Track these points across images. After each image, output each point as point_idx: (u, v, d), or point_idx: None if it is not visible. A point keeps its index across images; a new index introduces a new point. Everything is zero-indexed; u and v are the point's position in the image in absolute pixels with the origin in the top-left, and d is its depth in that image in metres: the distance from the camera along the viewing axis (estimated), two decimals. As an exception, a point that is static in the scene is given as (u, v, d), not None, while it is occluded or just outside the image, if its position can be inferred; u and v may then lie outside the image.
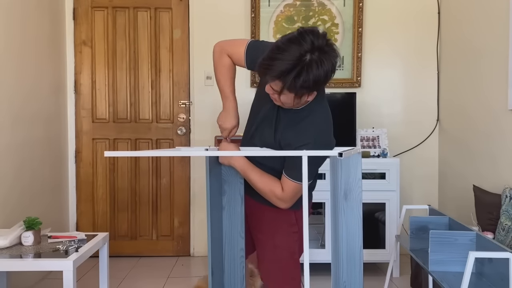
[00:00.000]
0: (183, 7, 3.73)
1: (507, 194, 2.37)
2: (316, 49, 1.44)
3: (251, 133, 1.81)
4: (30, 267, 2.13)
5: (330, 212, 2.68)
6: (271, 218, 1.80)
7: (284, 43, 1.46)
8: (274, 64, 1.45)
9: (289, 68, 1.43)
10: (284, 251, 1.79)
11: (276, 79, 1.47)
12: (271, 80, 1.50)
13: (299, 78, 1.44)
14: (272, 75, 1.46)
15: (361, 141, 3.45)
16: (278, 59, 1.44)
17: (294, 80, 1.44)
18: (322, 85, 1.54)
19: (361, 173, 1.52)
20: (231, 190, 1.76)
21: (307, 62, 1.43)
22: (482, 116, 2.95)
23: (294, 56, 1.43)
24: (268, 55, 1.47)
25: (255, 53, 1.69)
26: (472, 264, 1.64)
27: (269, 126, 1.73)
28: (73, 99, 3.74)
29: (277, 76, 1.45)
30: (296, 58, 1.43)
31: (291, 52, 1.43)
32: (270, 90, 1.55)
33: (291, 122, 1.67)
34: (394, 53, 3.73)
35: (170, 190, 3.78)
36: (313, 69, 1.44)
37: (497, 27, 2.74)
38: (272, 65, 1.45)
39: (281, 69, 1.44)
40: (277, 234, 1.79)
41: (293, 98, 1.53)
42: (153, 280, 3.22)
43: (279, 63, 1.44)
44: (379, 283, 3.03)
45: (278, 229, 1.79)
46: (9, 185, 2.76)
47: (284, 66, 1.43)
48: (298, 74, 1.44)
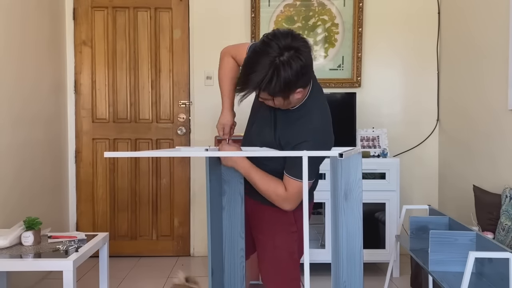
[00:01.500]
0: (183, 7, 3.73)
1: (507, 194, 2.37)
2: (284, 50, 1.50)
3: (251, 134, 1.83)
4: (30, 267, 2.13)
5: (330, 212, 2.68)
6: (271, 218, 1.80)
7: (252, 57, 1.54)
8: (249, 79, 1.52)
9: (262, 78, 1.50)
10: (284, 252, 1.79)
11: (256, 91, 1.55)
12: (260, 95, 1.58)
13: (271, 84, 1.50)
14: (251, 88, 1.54)
15: (361, 141, 3.45)
16: (252, 72, 1.51)
17: (268, 86, 1.51)
18: (297, 84, 1.55)
19: (361, 173, 1.52)
20: (231, 190, 1.76)
21: (275, 67, 1.49)
22: (482, 116, 2.95)
23: (265, 65, 1.50)
24: (242, 71, 1.57)
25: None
26: (472, 264, 1.64)
27: (268, 126, 1.74)
28: (73, 99, 3.74)
29: (255, 87, 1.53)
30: (268, 66, 1.49)
31: (261, 63, 1.50)
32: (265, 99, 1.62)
33: (289, 121, 1.69)
34: (394, 53, 3.73)
35: (170, 190, 3.78)
36: (281, 72, 1.49)
37: (497, 27, 2.74)
38: (248, 80, 1.53)
39: (256, 81, 1.51)
40: (276, 235, 1.79)
41: (282, 101, 1.59)
42: (153, 280, 3.22)
43: (253, 76, 1.51)
44: (379, 283, 3.03)
45: (277, 229, 1.79)
46: (9, 185, 2.76)
47: (258, 78, 1.50)
48: (269, 80, 1.50)
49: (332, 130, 1.72)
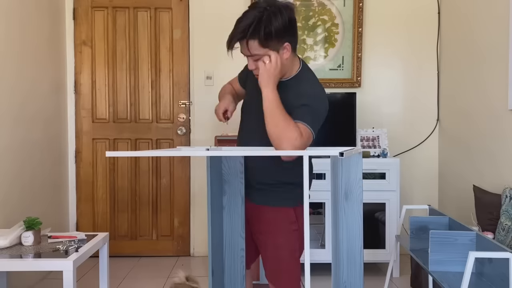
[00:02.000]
0: (183, 7, 3.73)
1: (507, 194, 2.37)
2: (271, 5, 1.60)
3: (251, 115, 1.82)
4: (30, 267, 2.13)
5: (330, 212, 2.67)
6: (270, 217, 1.79)
7: (242, 14, 1.64)
8: (238, 27, 1.60)
9: (250, 22, 1.57)
10: (285, 251, 1.78)
11: (243, 38, 1.59)
12: (243, 46, 1.63)
13: (260, 25, 1.56)
14: (239, 36, 1.59)
15: (361, 141, 3.45)
16: (241, 22, 1.60)
17: (257, 28, 1.56)
18: (284, 34, 1.61)
19: (362, 173, 1.52)
20: (231, 190, 1.76)
21: (266, 13, 1.58)
22: (482, 116, 2.95)
23: (253, 14, 1.59)
24: (233, 28, 1.63)
25: (241, 75, 1.99)
26: (472, 264, 1.64)
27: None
28: (73, 99, 3.74)
29: (243, 32, 1.58)
30: (257, 13, 1.59)
31: (249, 14, 1.60)
32: (251, 64, 1.67)
33: (285, 90, 1.69)
34: (394, 53, 3.73)
35: (170, 190, 3.78)
36: (271, 18, 1.57)
37: (497, 27, 2.74)
38: (237, 29, 1.60)
39: (246, 23, 1.58)
40: (278, 234, 1.78)
41: (273, 55, 1.61)
42: (153, 280, 3.22)
43: (242, 24, 1.59)
44: (379, 283, 3.03)
45: (278, 228, 1.78)
46: (9, 185, 2.76)
47: (247, 22, 1.58)
48: (258, 22, 1.57)
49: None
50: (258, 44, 1.59)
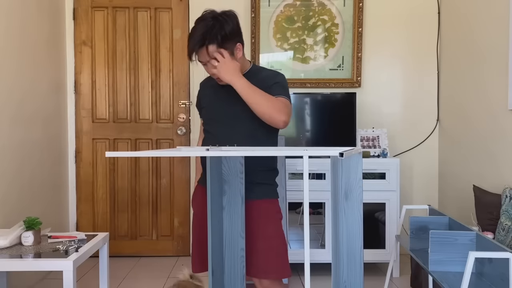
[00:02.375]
0: (183, 7, 3.73)
1: (507, 194, 2.37)
2: (217, 15, 1.80)
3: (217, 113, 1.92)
4: (30, 267, 2.13)
5: (330, 212, 2.67)
6: (259, 210, 1.85)
7: (192, 28, 1.82)
8: (194, 38, 1.78)
9: (205, 30, 1.76)
10: (278, 239, 1.86)
11: (203, 45, 1.77)
12: (202, 54, 1.80)
13: (215, 30, 1.75)
14: (199, 44, 1.77)
15: (361, 141, 3.45)
16: (194, 33, 1.78)
17: (213, 34, 1.75)
18: (237, 35, 1.83)
19: (362, 173, 1.52)
20: (231, 190, 1.76)
21: (216, 21, 1.77)
22: (482, 116, 2.96)
23: (204, 24, 1.78)
24: (188, 41, 1.81)
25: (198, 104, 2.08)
26: (472, 264, 1.64)
27: (232, 96, 1.83)
28: (73, 99, 3.74)
29: (201, 40, 1.76)
30: (207, 25, 1.77)
31: (200, 26, 1.79)
32: (212, 68, 1.82)
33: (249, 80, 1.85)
34: (394, 53, 3.73)
35: (170, 190, 3.78)
36: (222, 22, 1.78)
37: (497, 27, 2.75)
38: (193, 40, 1.78)
39: (200, 33, 1.76)
40: (268, 225, 1.85)
41: (230, 54, 1.79)
42: (153, 280, 3.22)
43: (197, 34, 1.77)
44: (379, 283, 3.03)
45: (268, 219, 1.85)
46: (9, 185, 2.76)
47: (201, 31, 1.77)
48: (212, 28, 1.76)
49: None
50: (217, 48, 1.78)
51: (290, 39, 3.69)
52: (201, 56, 1.82)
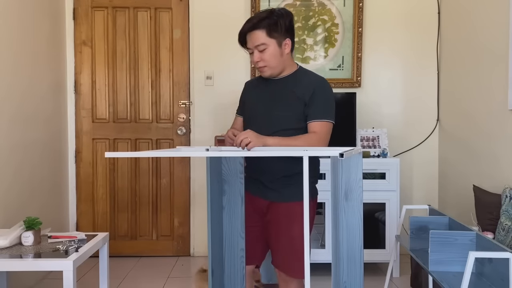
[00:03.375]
0: (183, 7, 3.73)
1: (507, 194, 2.37)
2: (276, 10, 1.88)
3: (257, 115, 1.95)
4: (30, 267, 2.13)
5: (330, 212, 2.67)
6: (286, 211, 1.88)
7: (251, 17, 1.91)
8: (248, 23, 1.85)
9: (259, 17, 1.85)
10: (300, 241, 1.83)
11: (253, 28, 1.83)
12: (250, 39, 1.85)
13: (268, 19, 1.83)
14: (249, 27, 1.84)
15: (361, 141, 3.45)
16: (249, 19, 1.87)
17: (266, 21, 1.82)
18: (289, 31, 1.89)
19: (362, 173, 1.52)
20: (231, 190, 1.76)
21: (272, 11, 1.87)
22: (482, 116, 2.95)
23: (259, 13, 1.88)
24: (245, 25, 1.87)
25: (240, 104, 2.10)
26: (472, 264, 1.64)
27: (276, 99, 1.90)
28: (73, 99, 3.73)
29: (252, 25, 1.83)
30: (261, 14, 1.87)
31: (257, 14, 1.89)
32: (257, 56, 1.86)
33: (283, 88, 1.91)
34: (394, 53, 3.73)
35: (170, 190, 3.78)
36: (279, 16, 1.84)
37: (497, 27, 2.74)
38: (246, 23, 1.86)
39: (254, 19, 1.84)
40: (293, 226, 1.86)
41: (276, 48, 1.85)
42: (153, 280, 3.22)
43: (251, 19, 1.86)
44: (379, 283, 3.03)
45: (294, 221, 1.86)
46: (9, 185, 2.76)
47: (255, 18, 1.85)
48: (266, 17, 1.84)
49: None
50: (266, 34, 1.83)
51: (290, 39, 3.69)
52: (250, 41, 1.87)
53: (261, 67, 1.89)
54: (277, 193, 1.91)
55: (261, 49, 1.85)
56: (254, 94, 2.02)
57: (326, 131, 1.84)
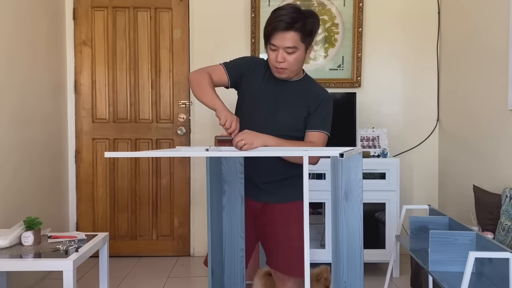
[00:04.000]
0: (183, 7, 3.73)
1: (507, 194, 2.37)
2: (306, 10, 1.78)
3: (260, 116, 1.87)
4: (30, 267, 2.13)
5: (330, 212, 2.67)
6: (282, 212, 1.88)
7: (282, 9, 1.75)
8: (281, 18, 1.71)
9: (297, 17, 1.72)
10: (298, 241, 1.84)
11: (290, 29, 1.71)
12: (281, 37, 1.72)
13: (306, 22, 1.73)
14: (286, 26, 1.71)
15: (361, 141, 3.45)
16: (283, 14, 1.72)
17: (304, 24, 1.72)
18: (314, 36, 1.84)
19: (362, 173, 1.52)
20: (231, 190, 1.76)
21: (307, 14, 1.75)
22: (482, 116, 2.95)
23: (298, 11, 1.74)
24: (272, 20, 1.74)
25: (235, 70, 1.92)
26: (472, 264, 1.64)
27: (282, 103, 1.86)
28: (73, 99, 3.73)
29: (291, 24, 1.71)
30: (301, 12, 1.74)
31: (292, 10, 1.74)
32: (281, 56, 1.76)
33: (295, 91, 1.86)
34: (394, 53, 3.73)
35: (170, 190, 3.78)
36: (313, 19, 1.77)
37: (497, 27, 2.74)
38: (280, 19, 1.71)
39: (292, 17, 1.71)
40: (290, 226, 1.86)
41: (303, 54, 1.79)
42: (153, 280, 3.22)
43: (287, 16, 1.71)
44: (379, 283, 3.03)
45: (290, 220, 1.86)
46: (9, 185, 2.76)
47: (294, 15, 1.71)
48: (305, 18, 1.73)
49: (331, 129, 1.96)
50: (299, 38, 1.74)
51: (290, 39, 3.69)
52: (280, 39, 1.74)
53: (281, 68, 1.79)
54: (272, 194, 1.90)
55: (289, 52, 1.76)
56: (258, 85, 1.90)
57: (323, 142, 1.84)
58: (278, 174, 1.87)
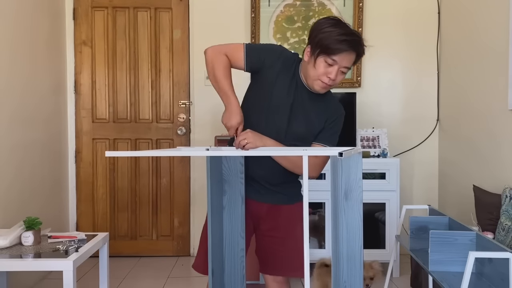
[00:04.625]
0: (183, 7, 3.73)
1: (507, 194, 2.37)
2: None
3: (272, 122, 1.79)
4: (30, 267, 2.13)
5: (330, 212, 2.67)
6: (287, 214, 1.86)
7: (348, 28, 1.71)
8: (354, 40, 1.68)
9: (359, 40, 1.71)
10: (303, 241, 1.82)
11: (354, 51, 1.70)
12: (345, 57, 1.68)
13: (364, 49, 1.73)
14: (354, 47, 1.68)
15: (361, 141, 3.45)
16: (355, 36, 1.69)
17: (363, 50, 1.73)
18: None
19: (362, 173, 1.52)
20: (231, 190, 1.76)
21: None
22: (482, 116, 2.95)
23: (355, 31, 1.74)
24: (348, 31, 1.69)
25: (255, 54, 1.79)
26: (472, 264, 1.64)
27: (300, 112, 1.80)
28: (73, 99, 3.73)
29: (360, 49, 1.71)
30: (358, 33, 1.74)
31: (353, 30, 1.74)
32: (335, 74, 1.70)
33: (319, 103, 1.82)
34: (394, 53, 3.73)
35: (170, 190, 3.78)
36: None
37: (497, 27, 2.74)
38: (353, 40, 1.68)
39: (361, 43, 1.71)
40: (297, 227, 1.84)
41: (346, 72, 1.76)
42: (153, 280, 3.22)
43: (358, 39, 1.69)
44: (379, 283, 3.03)
45: (296, 222, 1.85)
46: (9, 185, 2.76)
47: (361, 41, 1.71)
48: (363, 44, 1.73)
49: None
50: (354, 60, 1.73)
51: (290, 39, 3.69)
52: (345, 59, 1.70)
53: (327, 85, 1.73)
54: (281, 194, 1.86)
55: (344, 71, 1.72)
56: (281, 85, 1.79)
57: (325, 160, 1.81)
58: (287, 175, 1.84)
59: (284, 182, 1.86)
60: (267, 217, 1.88)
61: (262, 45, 1.90)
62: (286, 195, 1.87)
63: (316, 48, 1.69)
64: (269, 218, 1.88)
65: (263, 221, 1.89)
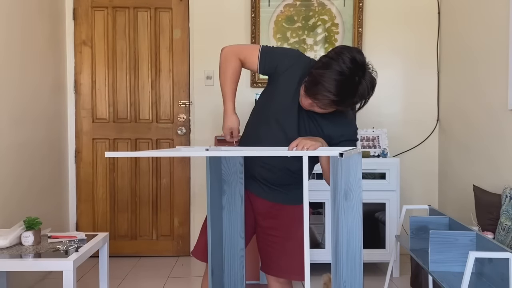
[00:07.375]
0: (183, 7, 3.73)
1: (507, 194, 2.37)
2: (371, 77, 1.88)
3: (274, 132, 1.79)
4: (30, 267, 2.13)
5: (330, 212, 2.67)
6: (289, 214, 1.85)
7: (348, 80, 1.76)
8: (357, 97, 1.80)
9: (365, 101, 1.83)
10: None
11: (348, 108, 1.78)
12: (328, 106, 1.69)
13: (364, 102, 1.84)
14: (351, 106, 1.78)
15: (361, 141, 3.45)
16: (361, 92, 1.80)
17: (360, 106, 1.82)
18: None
19: (362, 173, 1.52)
20: (231, 190, 1.76)
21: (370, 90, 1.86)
22: (482, 116, 2.95)
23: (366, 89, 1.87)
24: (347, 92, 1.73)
25: (270, 59, 1.81)
26: (472, 264, 1.64)
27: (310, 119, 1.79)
28: (73, 99, 3.73)
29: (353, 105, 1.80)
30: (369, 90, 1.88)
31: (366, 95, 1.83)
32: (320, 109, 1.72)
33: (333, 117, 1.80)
34: (394, 53, 3.73)
35: (170, 190, 3.78)
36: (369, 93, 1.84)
37: (497, 27, 2.74)
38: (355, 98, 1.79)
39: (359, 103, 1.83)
40: (300, 227, 1.82)
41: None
42: (153, 280, 3.22)
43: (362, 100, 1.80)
44: (379, 283, 3.03)
45: (299, 222, 1.83)
46: (9, 185, 2.76)
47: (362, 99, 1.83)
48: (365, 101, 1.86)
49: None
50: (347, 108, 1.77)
51: (290, 39, 3.69)
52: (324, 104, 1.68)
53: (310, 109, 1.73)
54: (284, 195, 1.86)
55: (326, 111, 1.73)
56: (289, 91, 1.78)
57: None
58: (292, 178, 1.83)
59: (289, 184, 1.85)
60: (269, 214, 1.88)
61: (277, 50, 1.86)
62: (289, 195, 1.86)
63: (308, 83, 1.68)
64: (270, 216, 1.88)
65: (265, 217, 1.89)
